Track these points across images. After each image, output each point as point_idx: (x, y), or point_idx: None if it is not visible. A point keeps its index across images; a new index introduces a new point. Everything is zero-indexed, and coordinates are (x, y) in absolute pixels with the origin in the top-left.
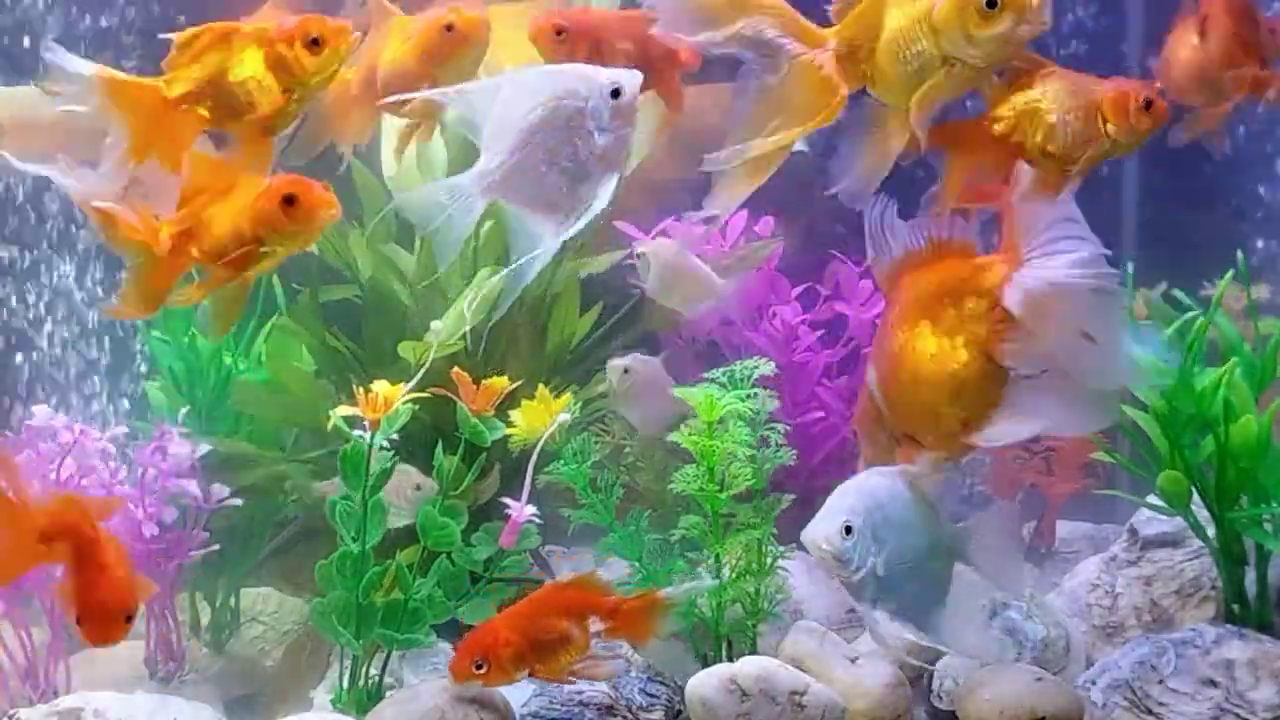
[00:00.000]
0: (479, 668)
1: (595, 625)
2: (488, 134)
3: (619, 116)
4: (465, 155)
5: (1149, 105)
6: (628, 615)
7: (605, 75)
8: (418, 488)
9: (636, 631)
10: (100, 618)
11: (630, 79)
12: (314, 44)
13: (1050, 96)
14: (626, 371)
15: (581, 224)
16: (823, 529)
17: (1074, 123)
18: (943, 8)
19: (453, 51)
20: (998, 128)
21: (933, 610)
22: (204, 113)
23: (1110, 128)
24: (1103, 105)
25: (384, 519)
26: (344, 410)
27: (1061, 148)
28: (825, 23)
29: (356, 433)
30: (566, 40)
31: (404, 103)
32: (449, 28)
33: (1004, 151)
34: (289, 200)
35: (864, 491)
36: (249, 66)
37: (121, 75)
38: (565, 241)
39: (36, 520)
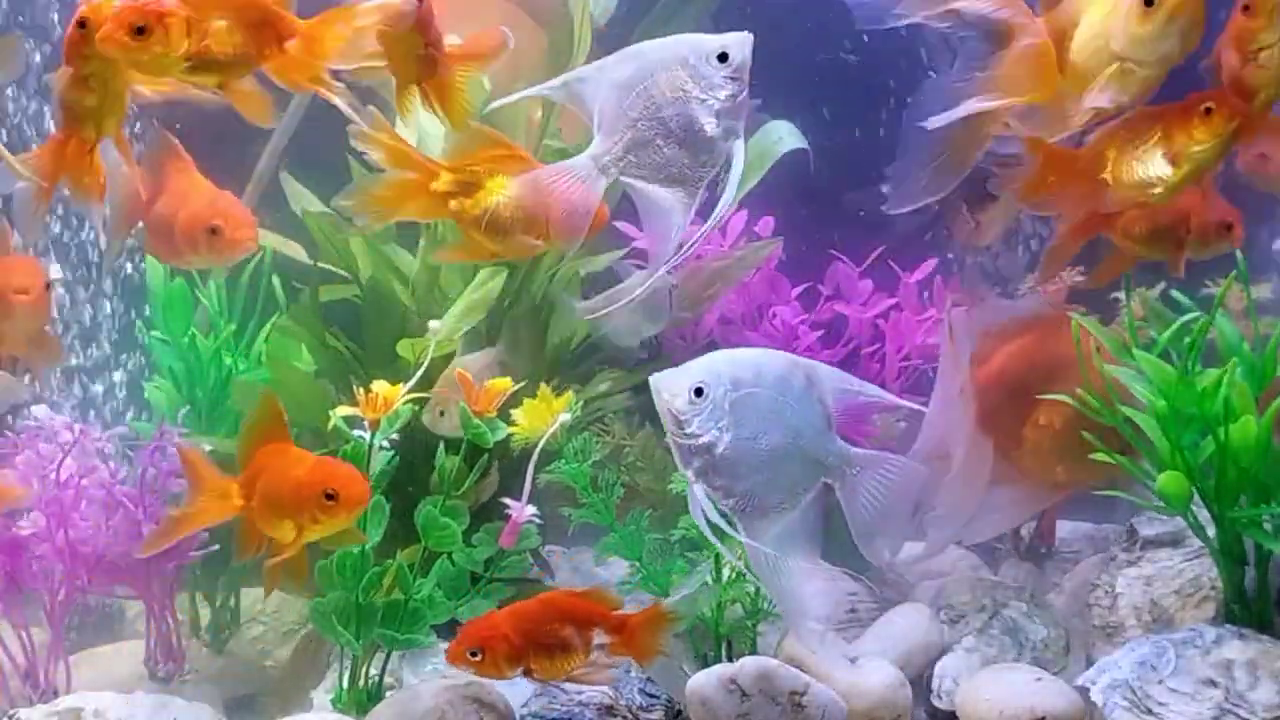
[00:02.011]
0: (474, 655)
1: (599, 639)
2: (599, 114)
3: (730, 81)
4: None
5: (1209, 113)
6: (633, 631)
7: (711, 41)
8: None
9: (641, 649)
10: None
11: (738, 41)
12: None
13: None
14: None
15: (731, 195)
16: (674, 381)
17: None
18: (1124, 5)
19: None
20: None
21: (765, 518)
22: None
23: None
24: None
25: (384, 518)
26: (344, 410)
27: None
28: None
29: (356, 433)
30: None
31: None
32: None
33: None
34: (329, 495)
35: (740, 363)
36: None
37: None
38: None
39: None
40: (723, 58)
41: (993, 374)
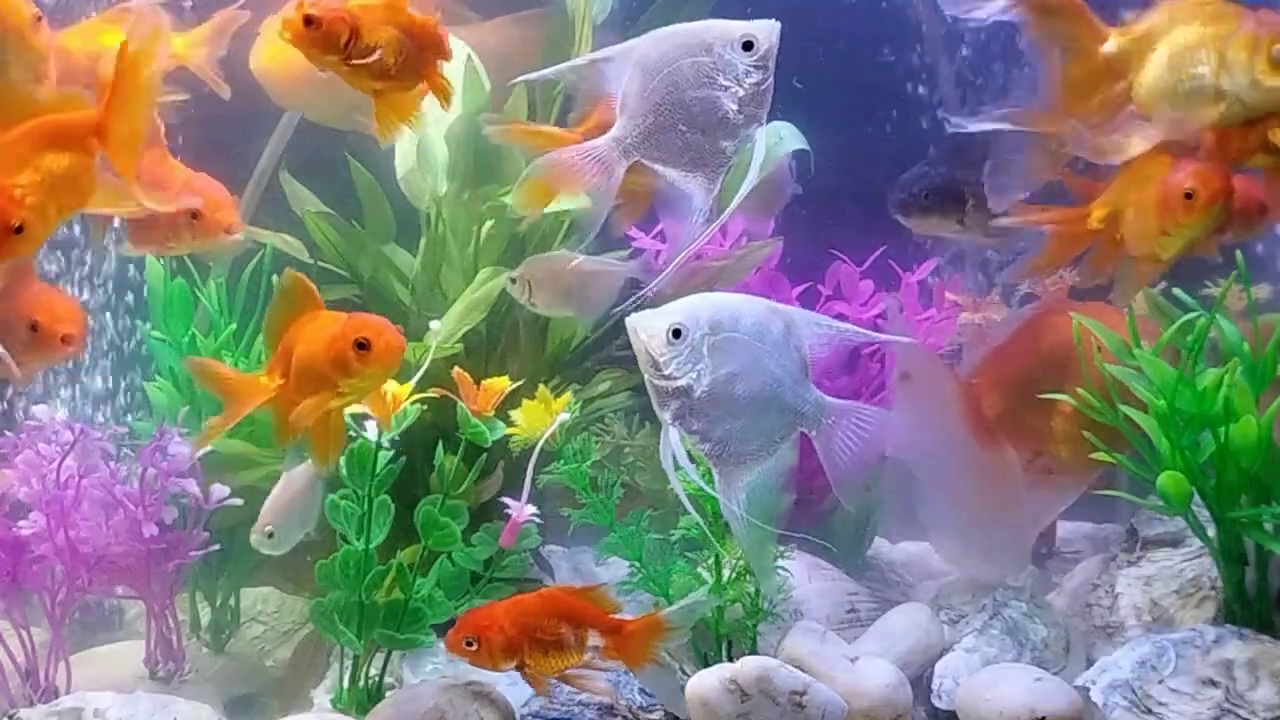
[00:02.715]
0: (469, 645)
1: (594, 640)
2: (623, 97)
3: (754, 68)
4: (465, 155)
5: (1189, 196)
6: (628, 637)
7: (737, 28)
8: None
9: (634, 655)
10: None
11: (765, 29)
12: None
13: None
14: (514, 281)
15: (751, 182)
16: (652, 322)
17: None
18: (1238, 40)
19: None
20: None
21: (742, 465)
22: None
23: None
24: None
25: (388, 517)
26: (351, 410)
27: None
28: None
29: (360, 432)
30: (320, 30)
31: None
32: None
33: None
34: (361, 345)
35: (720, 307)
36: None
37: None
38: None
39: None
40: (748, 45)
41: (1008, 377)
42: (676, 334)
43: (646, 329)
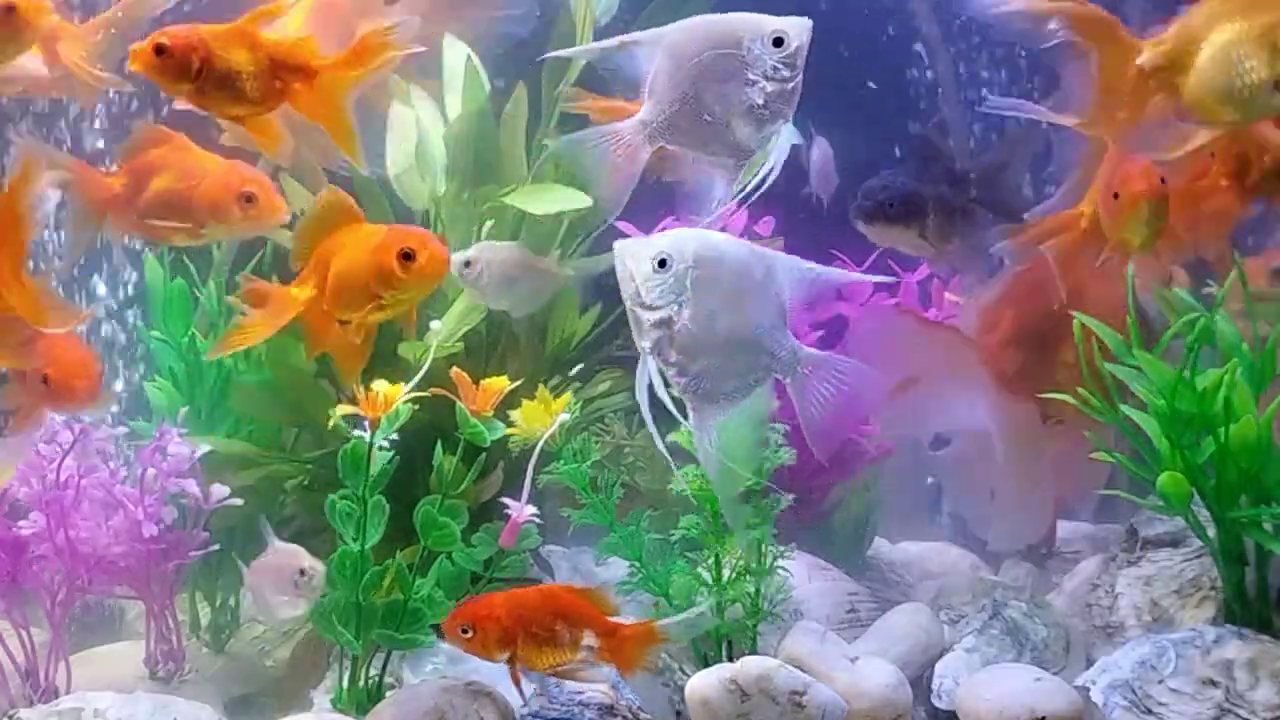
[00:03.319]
0: (465, 632)
1: (589, 640)
2: (651, 82)
3: (783, 64)
4: (465, 155)
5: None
6: (622, 641)
7: (769, 24)
8: (302, 572)
9: (626, 659)
10: None
11: (797, 27)
12: None
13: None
14: (468, 265)
15: (771, 176)
16: (639, 249)
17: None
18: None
19: None
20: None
21: (715, 404)
22: None
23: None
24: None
25: (383, 518)
26: (344, 410)
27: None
28: None
29: (356, 433)
30: (171, 59)
31: None
32: None
33: None
34: (407, 255)
35: (706, 242)
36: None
37: None
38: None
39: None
40: (779, 42)
41: (1008, 335)
42: (662, 264)
43: (633, 256)
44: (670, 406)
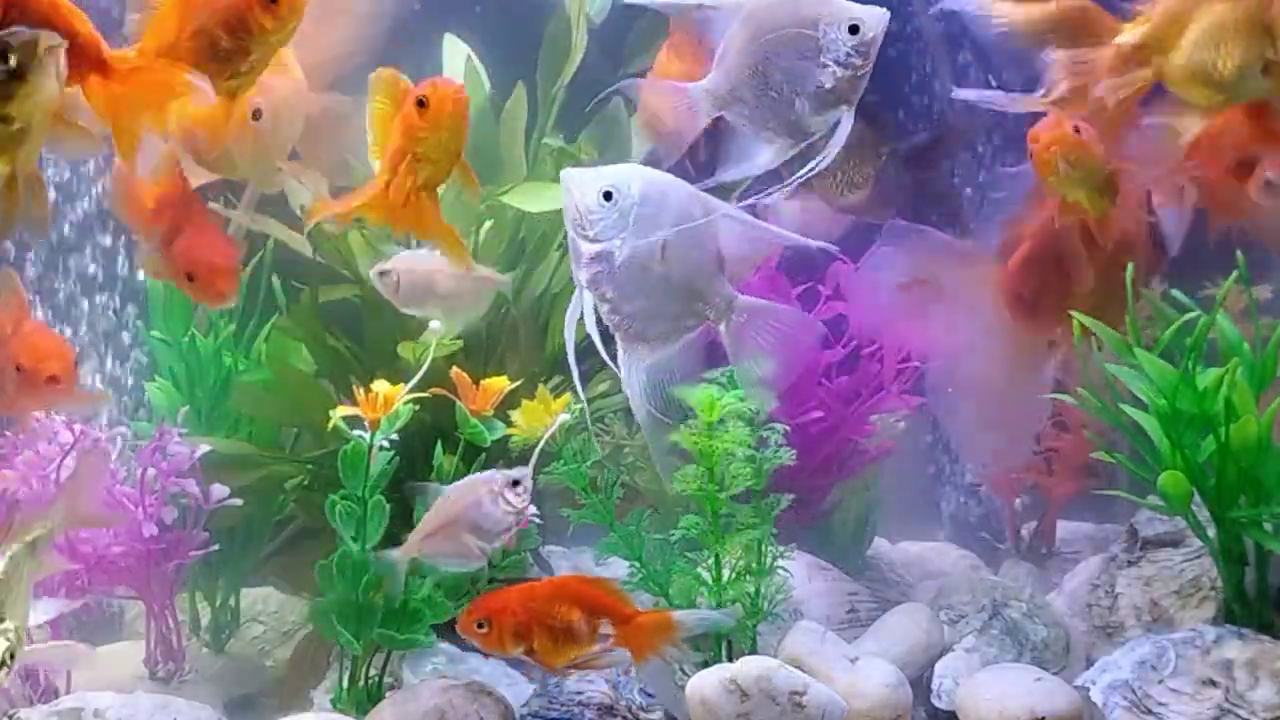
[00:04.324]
0: (481, 627)
1: (605, 629)
2: (723, 50)
3: (855, 52)
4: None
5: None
6: (637, 628)
7: (848, 11)
8: (515, 484)
9: (641, 646)
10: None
11: (874, 18)
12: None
13: None
14: (384, 275)
15: (823, 164)
16: (586, 179)
17: None
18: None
19: None
20: None
21: (646, 344)
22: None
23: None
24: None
25: (383, 518)
26: (344, 410)
27: None
28: None
29: (356, 433)
30: None
31: None
32: None
33: None
34: (421, 102)
35: (651, 181)
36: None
37: None
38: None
39: None
40: (854, 29)
41: (1022, 260)
42: (608, 196)
43: (580, 186)
44: (598, 343)
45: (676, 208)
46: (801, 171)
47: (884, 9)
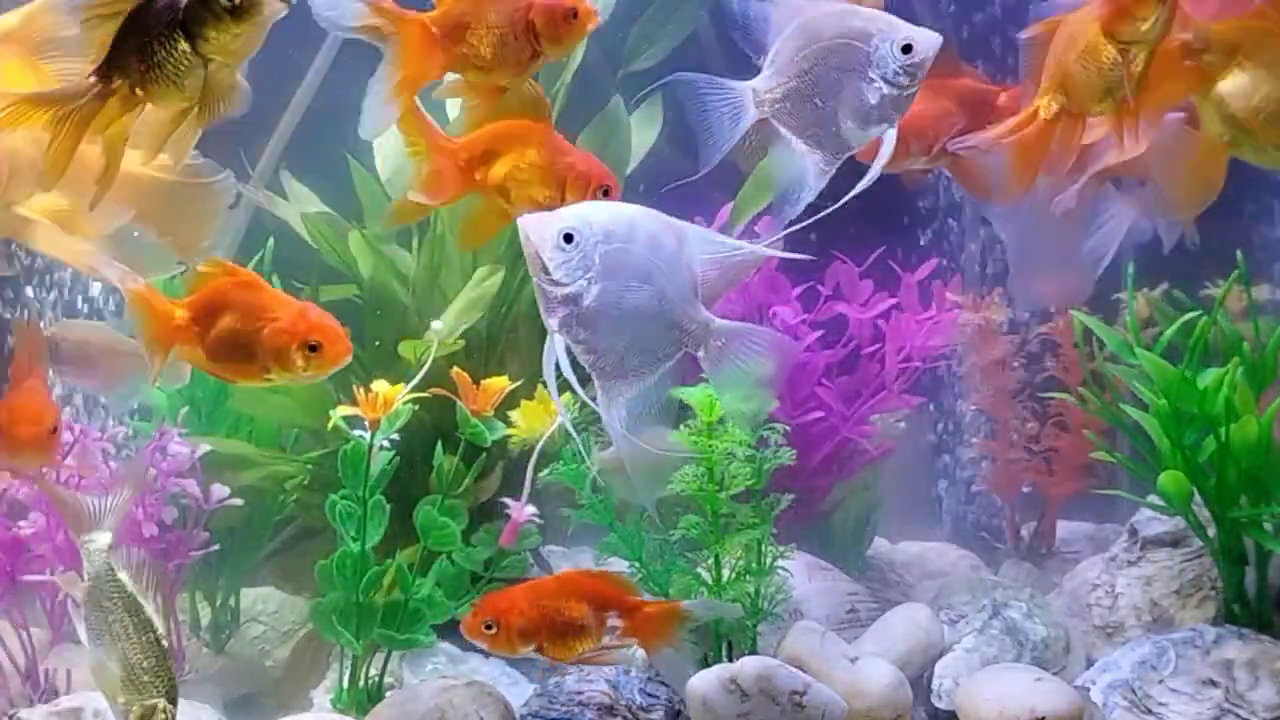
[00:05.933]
0: (488, 628)
1: (613, 621)
2: (775, 50)
3: (904, 72)
4: None
5: None
6: (646, 619)
7: (903, 29)
8: None
9: (651, 637)
10: None
11: (927, 40)
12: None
13: None
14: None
15: (868, 180)
16: (544, 224)
17: None
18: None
19: None
20: None
21: (624, 380)
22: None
23: None
24: None
25: (383, 518)
26: (344, 410)
27: None
28: None
29: (356, 433)
30: None
31: None
32: None
33: None
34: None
35: (615, 216)
36: None
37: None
38: None
39: None
40: (907, 49)
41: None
42: (568, 239)
43: (537, 232)
44: (574, 384)
45: (645, 238)
46: (850, 193)
47: (938, 34)
